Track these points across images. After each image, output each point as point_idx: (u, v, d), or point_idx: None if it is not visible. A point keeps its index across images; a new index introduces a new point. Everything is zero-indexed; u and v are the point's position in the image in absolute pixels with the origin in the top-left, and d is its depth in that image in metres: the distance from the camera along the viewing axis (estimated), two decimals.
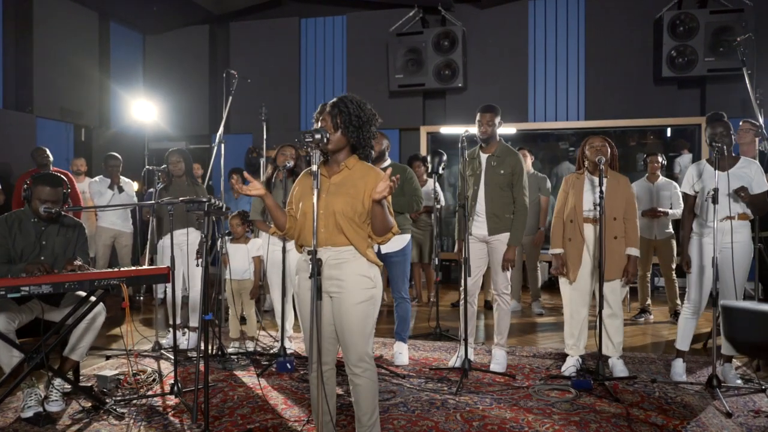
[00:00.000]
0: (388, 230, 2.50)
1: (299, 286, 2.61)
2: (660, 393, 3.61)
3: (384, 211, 2.44)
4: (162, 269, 3.39)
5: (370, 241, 2.57)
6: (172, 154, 4.76)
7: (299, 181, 2.67)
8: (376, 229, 2.50)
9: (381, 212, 2.43)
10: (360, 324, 2.51)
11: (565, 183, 4.07)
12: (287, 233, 2.64)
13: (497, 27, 8.34)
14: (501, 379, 3.89)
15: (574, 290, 3.97)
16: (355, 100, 2.58)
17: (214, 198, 2.62)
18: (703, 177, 3.85)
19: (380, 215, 2.44)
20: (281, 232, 2.64)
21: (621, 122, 8.15)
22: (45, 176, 3.43)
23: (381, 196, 2.34)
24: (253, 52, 9.10)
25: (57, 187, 3.40)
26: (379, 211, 2.43)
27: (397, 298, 4.35)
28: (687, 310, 3.91)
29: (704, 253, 3.82)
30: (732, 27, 7.20)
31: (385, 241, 2.55)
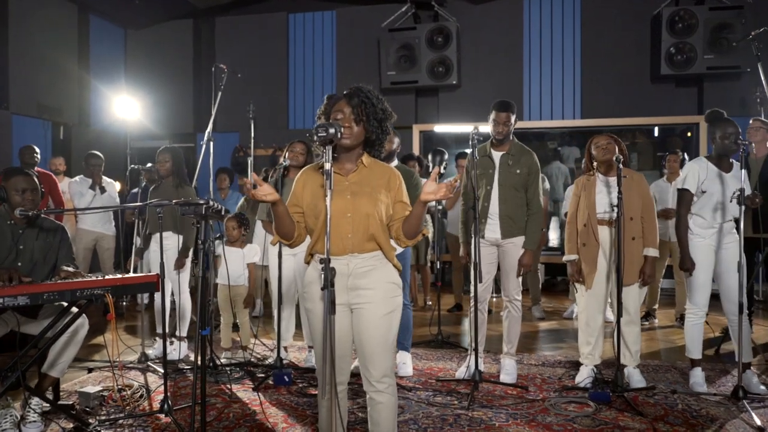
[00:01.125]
0: (420, 232, 2.30)
1: (311, 299, 2.36)
2: (683, 405, 3.41)
3: (424, 212, 2.24)
4: (151, 276, 3.11)
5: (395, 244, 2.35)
6: (161, 153, 4.48)
7: (303, 180, 2.39)
8: (410, 231, 2.30)
9: (422, 214, 2.24)
10: (385, 336, 2.29)
11: (576, 186, 3.86)
12: (294, 243, 2.39)
13: (491, 23, 8.14)
14: (513, 391, 3.67)
15: (590, 296, 3.77)
16: (373, 92, 2.35)
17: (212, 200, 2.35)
18: (712, 177, 3.66)
19: (420, 218, 2.25)
20: (287, 242, 2.38)
21: (617, 121, 7.99)
22: (13, 168, 3.17)
23: (434, 197, 2.15)
24: (239, 48, 8.79)
25: (29, 175, 3.12)
26: (422, 212, 2.24)
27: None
28: (694, 316, 3.72)
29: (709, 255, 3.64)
30: (731, 24, 7.08)
31: (414, 243, 2.36)
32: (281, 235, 2.36)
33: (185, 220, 4.25)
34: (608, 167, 3.75)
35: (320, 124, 2.10)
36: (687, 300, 3.77)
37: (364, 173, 2.32)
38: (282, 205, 2.27)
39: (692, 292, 3.70)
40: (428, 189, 2.16)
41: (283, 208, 2.28)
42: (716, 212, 3.62)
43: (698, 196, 3.67)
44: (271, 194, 2.19)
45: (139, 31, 9.10)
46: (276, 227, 2.34)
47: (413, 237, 2.31)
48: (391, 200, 2.31)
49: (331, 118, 2.31)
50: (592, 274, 3.70)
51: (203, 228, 2.36)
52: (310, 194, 2.35)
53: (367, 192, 2.28)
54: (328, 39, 8.76)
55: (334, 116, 2.30)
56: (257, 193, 2.17)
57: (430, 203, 2.27)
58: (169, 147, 4.57)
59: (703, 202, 3.66)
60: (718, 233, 3.63)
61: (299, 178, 2.41)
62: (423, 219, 2.27)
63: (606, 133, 3.78)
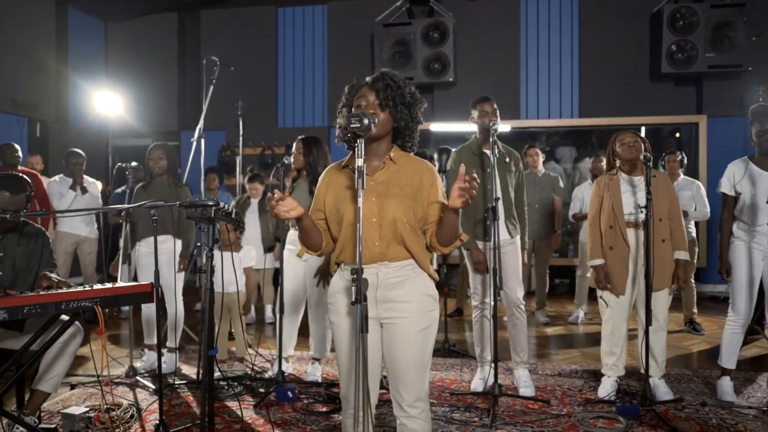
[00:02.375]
0: (457, 238, 2.02)
1: (336, 311, 2.09)
2: (717, 419, 3.20)
3: (459, 218, 1.96)
4: (144, 286, 2.81)
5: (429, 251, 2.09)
6: (154, 150, 4.16)
7: (326, 181, 2.14)
8: (445, 239, 2.02)
9: (456, 220, 1.96)
10: (419, 356, 2.03)
11: (598, 186, 3.63)
12: (323, 252, 2.13)
13: (488, 19, 7.93)
14: (534, 405, 3.43)
15: (617, 304, 3.53)
16: (400, 76, 2.08)
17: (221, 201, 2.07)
18: (750, 177, 3.46)
19: (455, 224, 1.97)
20: (316, 253, 2.13)
21: (616, 120, 7.83)
22: (3, 179, 2.82)
23: (463, 204, 1.86)
24: (226, 43, 8.45)
25: (18, 193, 2.80)
26: (455, 219, 1.95)
27: None
28: (734, 324, 3.53)
29: (754, 260, 3.45)
30: (733, 22, 6.95)
31: (451, 251, 2.08)
32: (308, 247, 2.11)
33: (186, 222, 3.95)
34: (633, 166, 3.54)
35: (354, 114, 1.83)
36: (729, 306, 3.56)
37: (392, 170, 2.06)
38: (308, 218, 2.02)
39: (734, 299, 3.51)
40: (456, 194, 1.87)
41: (309, 220, 2.03)
42: (756, 214, 3.42)
43: (738, 198, 3.49)
44: (294, 209, 1.92)
45: (121, 24, 8.72)
46: (302, 240, 2.09)
47: (449, 244, 2.04)
48: (425, 200, 2.05)
49: (354, 108, 2.05)
50: (623, 279, 3.48)
51: (210, 233, 2.07)
52: (332, 197, 2.08)
53: (396, 193, 2.02)
54: (319, 34, 8.47)
55: (356, 105, 2.03)
56: (280, 209, 1.90)
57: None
58: (161, 144, 4.26)
59: (741, 203, 3.47)
60: (762, 236, 3.43)
61: (322, 180, 2.15)
62: (459, 226, 2.01)
63: (631, 131, 3.56)
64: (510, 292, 3.64)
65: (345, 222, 2.02)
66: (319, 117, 8.47)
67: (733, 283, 3.50)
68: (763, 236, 3.43)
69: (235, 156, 7.71)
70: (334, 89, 8.30)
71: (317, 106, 8.49)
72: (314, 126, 8.39)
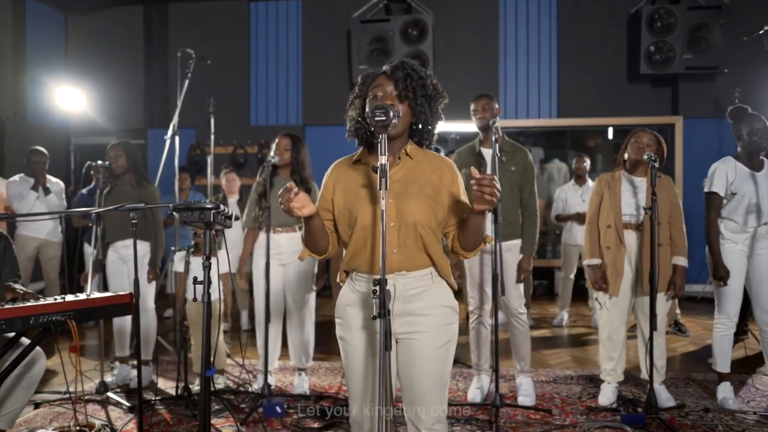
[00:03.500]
0: (482, 241, 1.84)
1: (347, 326, 1.88)
2: (723, 426, 3.12)
3: (485, 221, 1.77)
4: (122, 297, 2.56)
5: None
6: (111, 149, 3.89)
7: (333, 177, 1.93)
8: (470, 243, 1.84)
9: (482, 223, 1.77)
10: (439, 374, 1.85)
11: (599, 184, 3.52)
12: (327, 256, 1.93)
13: (467, 18, 7.80)
14: (536, 415, 3.29)
15: (614, 307, 3.42)
16: (420, 66, 1.90)
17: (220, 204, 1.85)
18: (740, 177, 3.39)
19: (481, 227, 1.79)
20: (320, 257, 1.92)
21: (594, 121, 7.83)
22: None
23: (490, 205, 1.67)
24: (196, 38, 8.09)
25: None
26: (481, 221, 1.76)
27: None
28: (723, 326, 3.46)
29: (741, 262, 3.38)
30: (709, 24, 6.98)
31: (475, 255, 1.89)
32: (313, 250, 1.90)
33: (155, 224, 3.69)
34: (636, 166, 3.43)
35: (378, 106, 1.64)
36: (716, 309, 3.49)
37: (408, 167, 1.87)
38: (318, 219, 1.82)
39: (722, 301, 3.43)
40: (477, 195, 1.68)
41: (319, 221, 1.83)
42: (749, 215, 3.35)
43: (728, 198, 3.40)
44: (307, 207, 1.73)
45: (82, 16, 8.28)
46: (307, 242, 1.88)
47: (473, 249, 1.87)
48: (445, 200, 1.86)
49: (369, 98, 1.85)
50: (618, 279, 3.36)
51: (207, 238, 1.85)
52: (342, 196, 1.88)
53: (415, 193, 1.83)
54: (293, 29, 8.20)
55: (372, 95, 1.84)
56: (294, 205, 1.70)
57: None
58: (120, 141, 3.98)
59: (734, 204, 3.38)
60: (752, 238, 3.37)
61: (329, 176, 1.94)
62: (484, 229, 1.83)
63: (650, 131, 3.44)
64: (505, 300, 3.47)
65: (359, 225, 1.82)
66: (293, 115, 8.21)
67: (720, 286, 3.42)
68: (753, 237, 3.36)
69: (206, 155, 7.40)
70: (309, 87, 8.07)
71: (291, 104, 8.23)
72: (288, 124, 8.13)
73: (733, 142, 7.26)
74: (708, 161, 3.53)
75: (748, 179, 3.36)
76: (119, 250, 3.86)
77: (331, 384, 3.89)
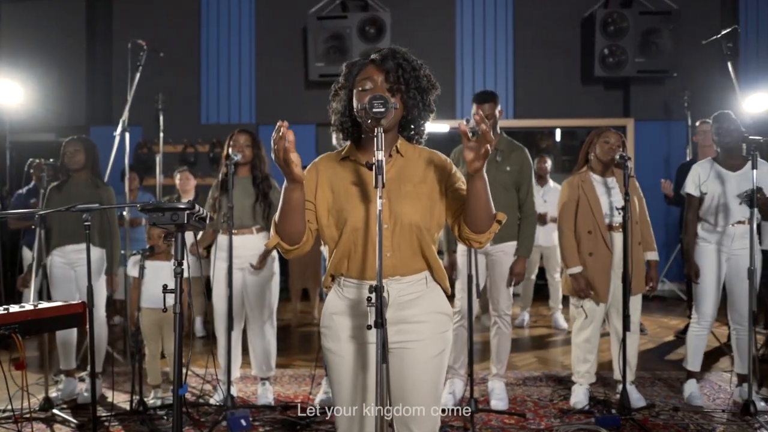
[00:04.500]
0: (492, 219, 1.66)
1: (335, 337, 1.73)
2: (694, 426, 3.13)
3: (487, 187, 1.61)
4: (74, 306, 2.34)
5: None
6: (70, 143, 3.62)
7: (316, 170, 1.76)
8: (477, 220, 1.64)
9: (484, 191, 1.60)
10: (434, 384, 1.73)
11: (570, 187, 3.45)
12: (298, 250, 1.72)
13: (424, 17, 7.74)
14: (511, 420, 3.23)
15: (592, 311, 3.39)
16: (412, 55, 1.77)
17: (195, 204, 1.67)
18: (718, 178, 3.43)
19: (484, 198, 1.61)
20: (290, 247, 1.70)
21: (549, 122, 7.94)
22: None
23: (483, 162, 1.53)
24: (143, 31, 7.62)
25: None
26: (481, 189, 1.59)
27: None
28: (698, 326, 3.49)
29: (720, 262, 3.42)
30: (659, 29, 7.16)
31: (488, 240, 1.71)
32: (286, 236, 1.67)
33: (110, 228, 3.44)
34: (606, 167, 3.41)
35: (377, 96, 1.51)
36: (693, 308, 3.51)
37: (400, 164, 1.74)
38: (301, 191, 1.61)
39: (699, 301, 3.46)
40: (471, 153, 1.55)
41: (301, 195, 1.62)
42: (719, 215, 3.38)
43: (703, 199, 3.44)
44: (296, 155, 1.53)
45: (16, 4, 7.76)
46: (282, 224, 1.65)
47: (485, 230, 1.68)
48: (444, 195, 1.73)
49: (357, 90, 1.71)
50: (605, 286, 3.32)
51: (178, 242, 1.67)
52: (329, 192, 1.72)
53: (409, 192, 1.70)
54: (246, 24, 7.93)
55: (360, 87, 1.70)
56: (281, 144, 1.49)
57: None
58: (80, 137, 3.71)
59: (705, 204, 3.42)
60: (726, 237, 3.40)
61: (312, 168, 1.77)
62: (489, 201, 1.63)
63: (617, 132, 3.43)
64: (495, 301, 3.41)
65: (349, 227, 1.67)
66: (246, 113, 7.95)
67: (700, 285, 3.45)
68: (728, 237, 3.40)
69: (154, 154, 7.06)
70: (263, 84, 7.82)
71: (244, 101, 7.97)
72: (241, 122, 7.86)
73: (681, 143, 7.51)
74: (657, 162, 3.57)
75: (720, 179, 3.39)
76: (69, 254, 3.57)
77: (297, 393, 3.72)
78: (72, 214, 3.32)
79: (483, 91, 3.53)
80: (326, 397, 3.49)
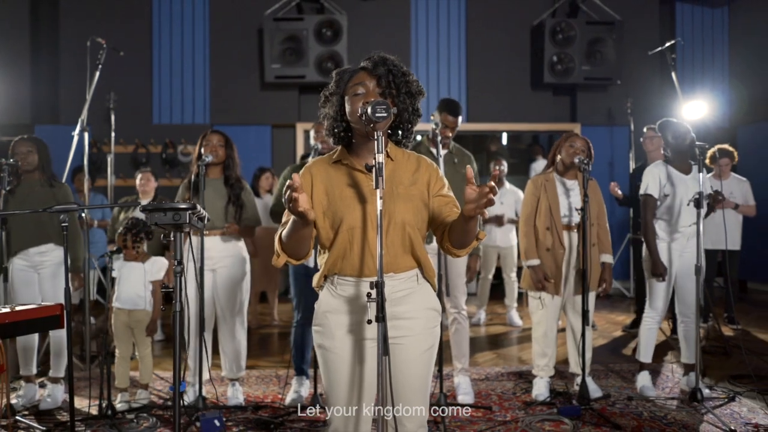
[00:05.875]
0: (473, 239, 1.79)
1: (329, 334, 1.80)
2: (647, 413, 3.34)
3: (477, 222, 1.74)
4: (51, 308, 2.31)
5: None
6: (21, 143, 3.51)
7: (310, 175, 1.82)
8: (463, 241, 1.77)
9: (475, 226, 1.72)
10: (424, 378, 1.83)
11: (534, 186, 3.64)
12: (303, 259, 1.82)
13: (379, 21, 7.84)
14: (478, 413, 3.35)
15: (550, 306, 3.57)
16: (398, 61, 1.85)
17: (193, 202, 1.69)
18: (671, 180, 3.67)
19: (474, 229, 1.73)
20: (297, 262, 1.81)
21: (501, 126, 8.18)
22: None
23: (479, 210, 1.61)
24: (91, 28, 7.41)
25: None
26: (474, 225, 1.71)
27: None
28: (651, 320, 3.71)
29: (673, 259, 3.66)
30: (604, 39, 7.52)
31: (468, 252, 1.85)
32: (295, 256, 1.78)
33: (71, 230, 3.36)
34: (567, 169, 3.60)
35: (379, 102, 1.59)
36: (647, 303, 3.73)
37: (391, 168, 1.82)
38: (310, 226, 1.70)
39: (653, 297, 3.67)
40: (471, 198, 1.61)
41: (310, 228, 1.72)
42: (680, 216, 3.60)
43: (661, 200, 3.65)
44: (310, 211, 1.60)
45: None
46: (291, 247, 1.75)
47: (465, 247, 1.82)
48: (431, 199, 1.83)
49: (349, 95, 1.78)
50: (559, 280, 3.51)
51: (177, 242, 1.69)
52: (324, 196, 1.79)
53: (401, 193, 1.79)
54: (200, 22, 7.81)
55: (352, 93, 1.77)
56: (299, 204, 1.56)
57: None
58: (31, 136, 3.61)
59: (666, 206, 3.64)
60: (681, 236, 3.63)
61: (304, 175, 1.83)
62: (476, 228, 1.77)
63: (584, 137, 3.61)
64: (453, 297, 3.54)
65: (344, 227, 1.74)
66: (200, 114, 7.83)
67: (653, 281, 3.68)
68: (683, 236, 3.64)
69: (105, 154, 6.87)
70: (217, 84, 7.73)
71: (198, 101, 7.85)
72: (195, 123, 7.76)
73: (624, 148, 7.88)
74: (602, 166, 3.78)
75: (678, 182, 3.62)
76: (32, 257, 3.47)
77: (266, 393, 3.74)
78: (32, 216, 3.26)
79: (454, 102, 3.64)
80: (297, 395, 3.53)
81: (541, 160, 8.39)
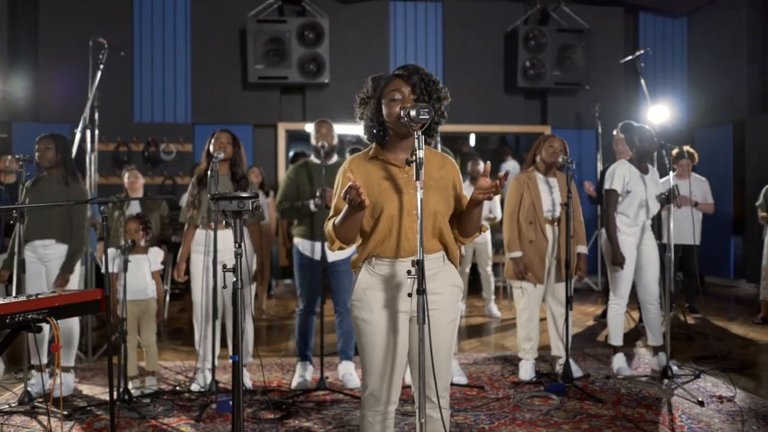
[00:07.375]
0: (478, 228, 2.11)
1: (368, 308, 2.04)
2: (624, 389, 3.68)
3: (482, 209, 2.05)
4: (93, 293, 2.47)
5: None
6: (41, 140, 3.65)
7: (352, 171, 2.06)
8: (468, 230, 2.10)
9: (480, 212, 2.04)
10: (449, 347, 2.12)
11: (517, 183, 3.94)
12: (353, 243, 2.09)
13: (360, 24, 8.07)
14: (472, 392, 3.63)
15: (533, 293, 3.87)
16: (428, 70, 2.11)
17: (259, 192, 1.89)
18: (634, 178, 4.02)
19: (479, 215, 2.05)
20: (347, 246, 2.06)
21: (475, 128, 8.50)
22: None
23: (486, 196, 1.92)
24: (70, 26, 7.51)
25: None
26: (479, 211, 2.03)
27: (341, 312, 3.84)
28: (617, 306, 4.05)
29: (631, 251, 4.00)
30: (573, 45, 7.93)
31: (471, 241, 2.17)
32: (346, 241, 2.03)
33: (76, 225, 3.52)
34: (549, 168, 3.90)
35: (423, 105, 1.85)
36: (611, 292, 4.07)
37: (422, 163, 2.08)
38: (364, 211, 1.94)
39: (616, 285, 4.01)
40: (485, 186, 1.91)
41: (363, 215, 1.97)
42: (640, 210, 3.96)
43: (623, 196, 3.98)
44: (367, 198, 1.86)
45: None
46: (344, 232, 1.99)
47: (471, 235, 2.13)
48: (453, 192, 2.11)
49: (386, 100, 2.03)
50: (541, 270, 3.82)
51: (238, 227, 1.90)
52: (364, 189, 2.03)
53: (432, 186, 2.05)
54: (182, 21, 7.89)
55: (389, 98, 2.02)
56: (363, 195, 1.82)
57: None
58: (51, 133, 3.73)
59: (628, 201, 3.98)
60: (640, 230, 3.99)
61: (345, 170, 2.07)
62: (481, 217, 2.10)
63: (560, 138, 3.92)
64: None
65: (385, 215, 1.99)
66: (181, 113, 7.92)
67: (618, 272, 4.01)
68: (644, 230, 4.00)
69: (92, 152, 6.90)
70: (199, 83, 7.83)
71: (179, 100, 7.93)
72: (176, 122, 7.85)
73: (592, 150, 8.28)
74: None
75: (640, 180, 3.97)
76: (37, 249, 3.60)
77: (270, 378, 3.94)
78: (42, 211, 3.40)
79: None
80: (302, 380, 3.74)
81: (510, 160, 8.77)
